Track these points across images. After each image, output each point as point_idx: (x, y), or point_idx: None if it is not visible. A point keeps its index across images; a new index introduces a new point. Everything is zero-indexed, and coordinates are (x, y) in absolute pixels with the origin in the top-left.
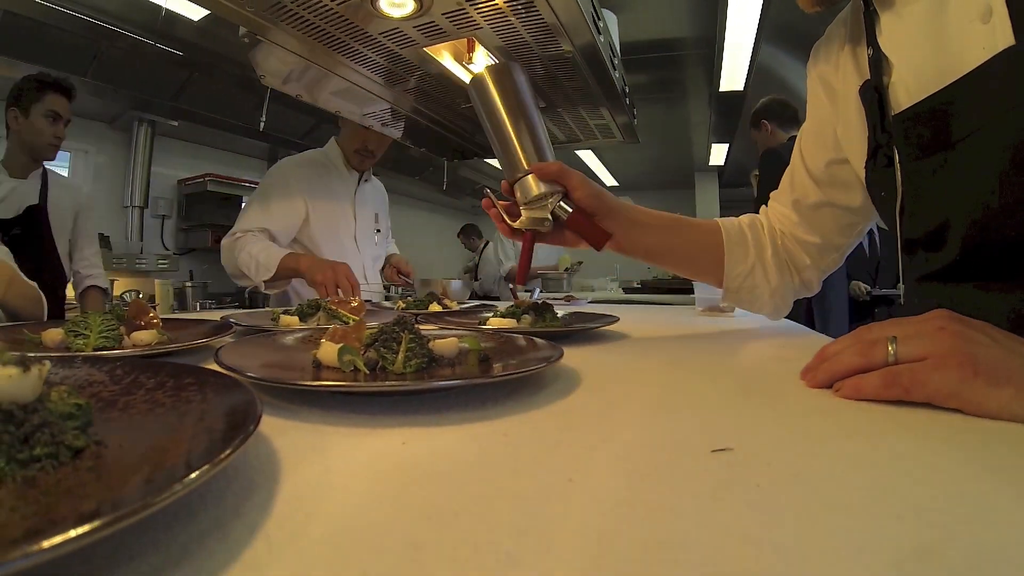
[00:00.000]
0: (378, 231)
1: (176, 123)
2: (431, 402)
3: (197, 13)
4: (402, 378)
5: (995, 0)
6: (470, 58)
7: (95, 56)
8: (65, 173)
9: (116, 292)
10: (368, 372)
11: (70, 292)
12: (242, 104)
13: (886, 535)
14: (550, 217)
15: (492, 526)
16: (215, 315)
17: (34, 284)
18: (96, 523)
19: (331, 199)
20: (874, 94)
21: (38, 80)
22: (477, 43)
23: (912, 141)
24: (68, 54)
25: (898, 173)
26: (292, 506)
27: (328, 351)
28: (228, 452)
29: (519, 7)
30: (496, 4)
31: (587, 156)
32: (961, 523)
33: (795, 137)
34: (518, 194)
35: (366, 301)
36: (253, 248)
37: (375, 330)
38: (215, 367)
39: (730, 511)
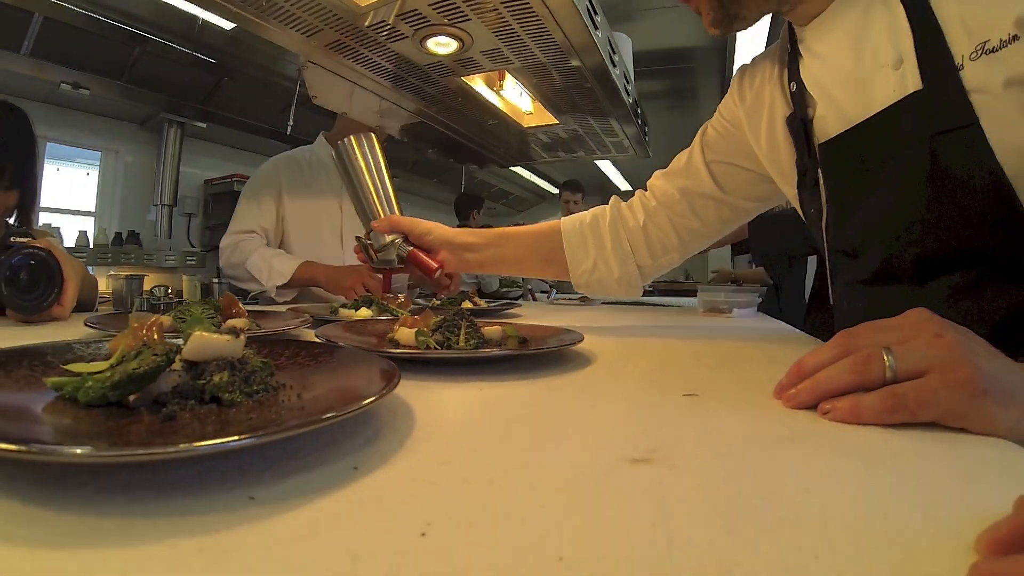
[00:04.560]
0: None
1: (204, 125)
2: (489, 369)
3: (229, 22)
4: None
5: (905, 50)
6: (501, 85)
7: (130, 61)
8: (96, 173)
9: (146, 287)
10: (439, 348)
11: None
12: (268, 108)
13: (770, 429)
14: (395, 258)
15: (550, 422)
16: (276, 309)
17: (89, 270)
18: (332, 413)
19: (311, 196)
20: (800, 124)
21: None
22: (507, 73)
23: (834, 166)
24: (104, 59)
25: (823, 193)
26: (428, 417)
27: (405, 334)
28: (390, 387)
29: (542, 40)
30: (524, 43)
31: (603, 163)
32: (824, 425)
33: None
34: (372, 241)
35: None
36: (265, 252)
37: (439, 319)
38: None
39: (689, 420)
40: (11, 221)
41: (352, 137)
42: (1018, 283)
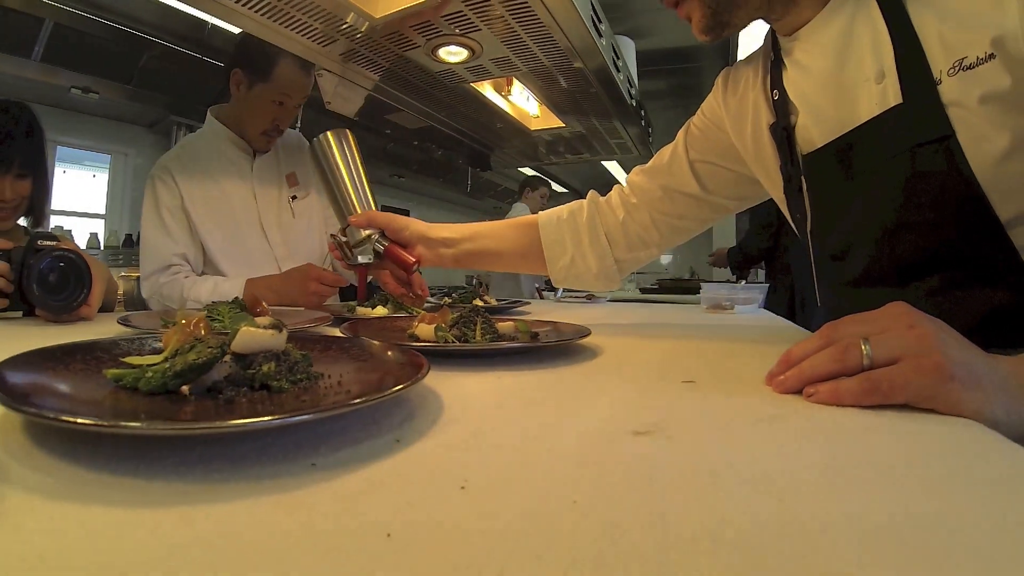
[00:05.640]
0: (294, 197)
1: None
2: (504, 361)
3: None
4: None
5: (887, 64)
6: (509, 90)
7: (139, 65)
8: (101, 175)
9: None
10: (457, 342)
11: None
12: None
13: (759, 409)
14: (372, 254)
15: (562, 404)
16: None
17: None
18: (373, 394)
19: (215, 183)
20: (783, 132)
21: None
22: (514, 79)
23: (818, 175)
24: (113, 64)
25: (806, 199)
26: (454, 401)
27: (424, 329)
28: (422, 374)
29: (548, 48)
30: (531, 51)
31: (610, 164)
32: (807, 406)
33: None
34: (348, 237)
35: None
36: (200, 292)
37: (455, 316)
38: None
39: (687, 402)
40: (23, 223)
41: (329, 133)
42: (992, 285)
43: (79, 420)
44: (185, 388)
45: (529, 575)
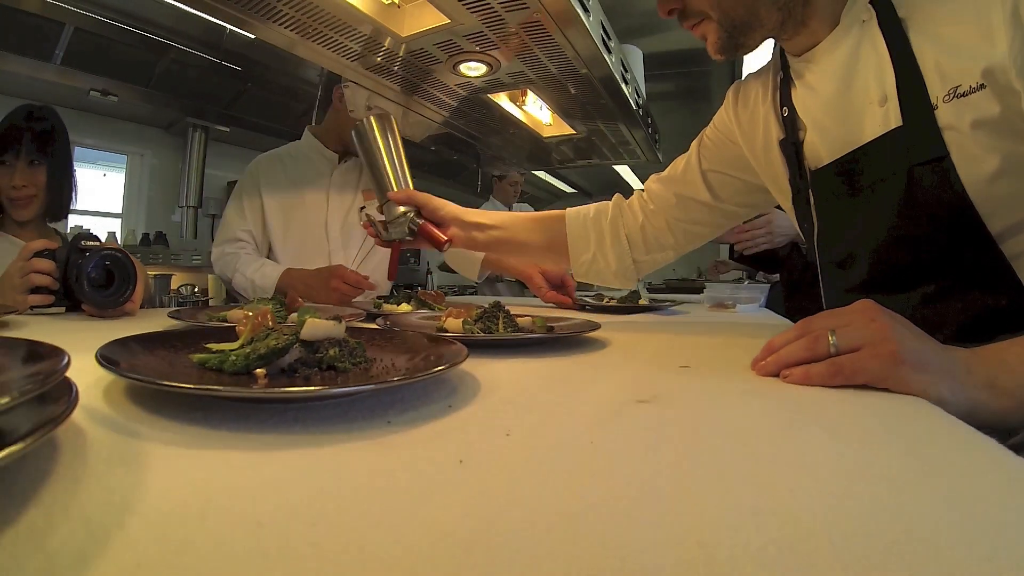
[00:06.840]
0: (363, 208)
1: (228, 129)
2: (524, 350)
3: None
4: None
5: (889, 89)
6: (523, 100)
7: (157, 69)
8: (113, 175)
9: (173, 286)
10: (483, 334)
11: None
12: (290, 112)
13: (742, 387)
14: (407, 231)
15: (578, 382)
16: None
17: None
18: (431, 369)
19: (293, 189)
20: (792, 148)
21: None
22: (528, 90)
23: (825, 190)
24: (132, 67)
25: (813, 211)
26: (488, 380)
27: (453, 323)
28: (465, 355)
29: (561, 63)
30: (545, 66)
31: (620, 168)
32: (783, 386)
33: None
34: (385, 214)
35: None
36: (247, 269)
37: (479, 311)
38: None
39: (682, 381)
40: (51, 223)
41: (372, 116)
42: (981, 290)
43: (213, 388)
44: (261, 371)
45: (562, 484)
